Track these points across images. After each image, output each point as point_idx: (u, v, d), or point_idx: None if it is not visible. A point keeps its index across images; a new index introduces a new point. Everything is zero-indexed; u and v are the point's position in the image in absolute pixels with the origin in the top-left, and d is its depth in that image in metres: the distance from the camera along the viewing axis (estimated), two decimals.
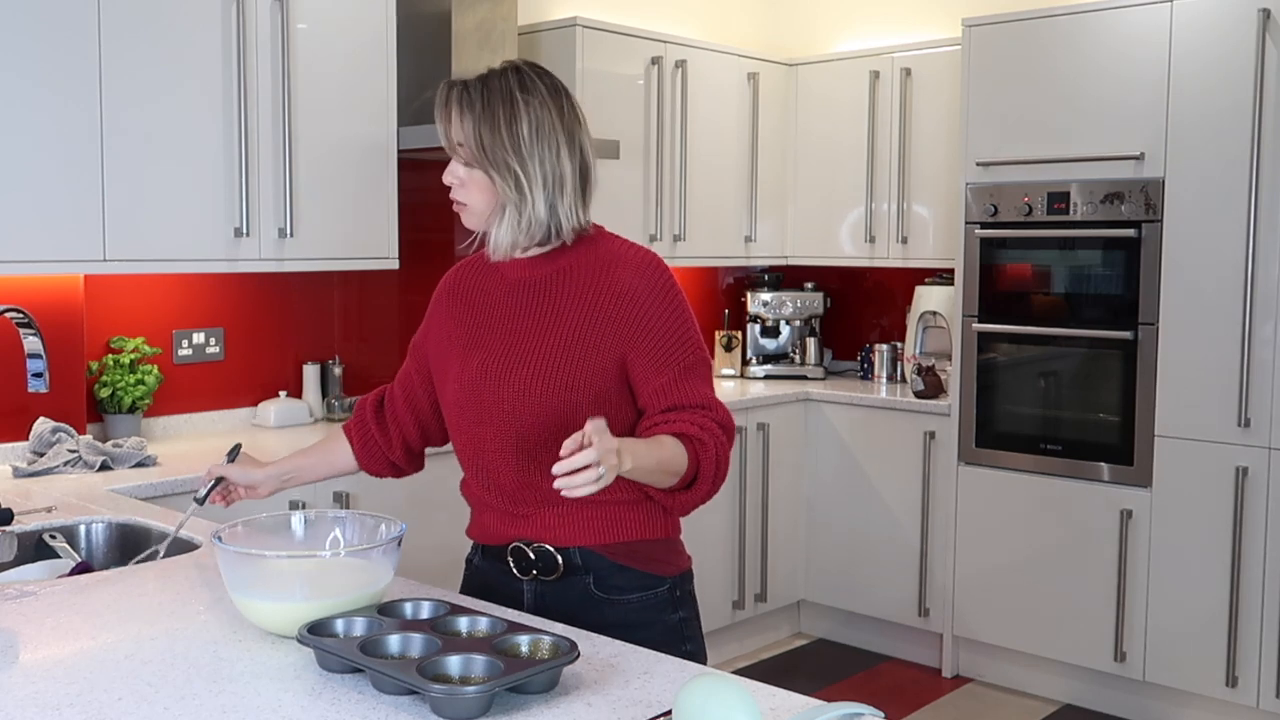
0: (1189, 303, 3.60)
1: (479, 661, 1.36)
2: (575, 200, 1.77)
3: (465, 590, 1.90)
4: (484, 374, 1.79)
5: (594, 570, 1.79)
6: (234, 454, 2.06)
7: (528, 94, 1.74)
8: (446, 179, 1.78)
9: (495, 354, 1.79)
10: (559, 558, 1.79)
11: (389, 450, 2.01)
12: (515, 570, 1.82)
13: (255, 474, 2.01)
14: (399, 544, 1.61)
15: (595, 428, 1.52)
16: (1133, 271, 3.71)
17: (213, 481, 1.99)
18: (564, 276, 1.79)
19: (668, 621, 1.84)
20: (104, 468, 2.87)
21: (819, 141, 4.77)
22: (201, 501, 1.99)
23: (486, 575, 1.88)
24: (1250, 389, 3.48)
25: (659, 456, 1.67)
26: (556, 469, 1.50)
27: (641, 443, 1.67)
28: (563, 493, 1.51)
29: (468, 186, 1.77)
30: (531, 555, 1.80)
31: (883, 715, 1.27)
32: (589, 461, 1.49)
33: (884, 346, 4.71)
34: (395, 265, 3.54)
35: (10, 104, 2.73)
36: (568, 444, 1.51)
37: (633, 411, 1.79)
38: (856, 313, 5.05)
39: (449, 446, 1.93)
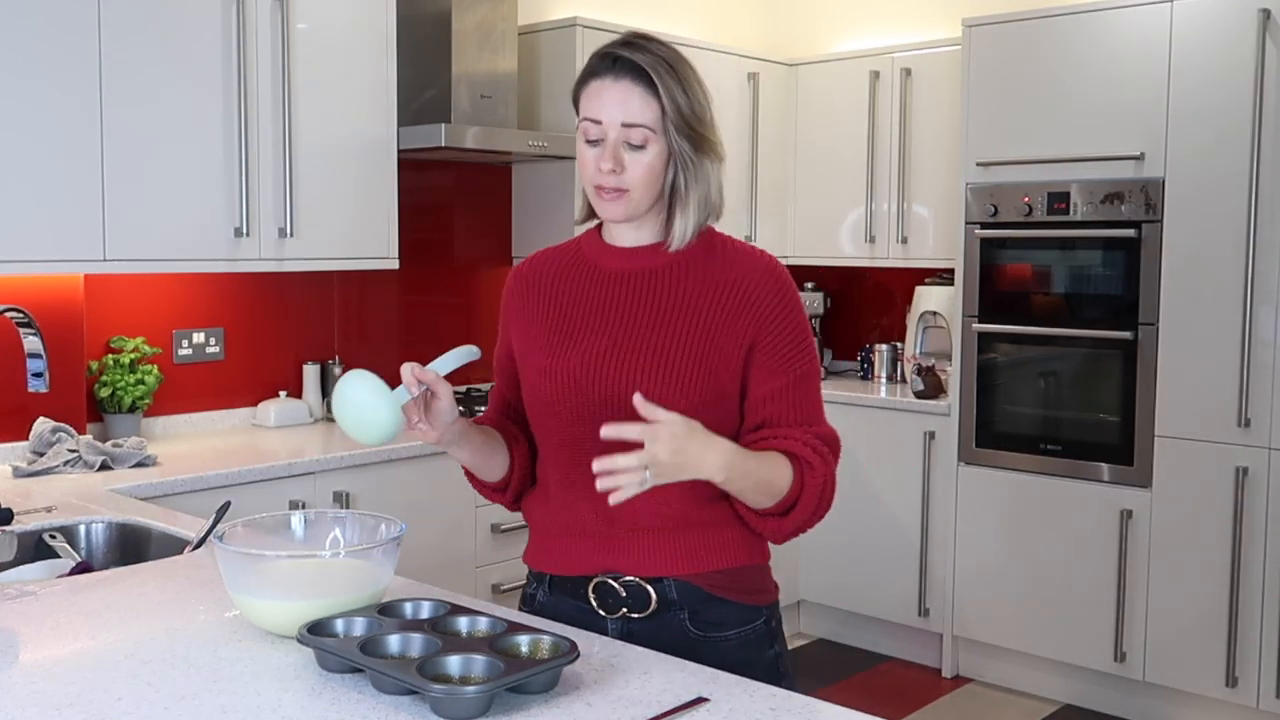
0: (1189, 303, 3.60)
1: (479, 661, 1.35)
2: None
3: None
4: (587, 366, 1.58)
5: (689, 605, 1.60)
6: (223, 510, 1.99)
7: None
8: (605, 164, 1.55)
9: (602, 346, 1.59)
10: (651, 591, 1.60)
11: (523, 473, 1.72)
12: (598, 608, 1.62)
13: (450, 411, 1.55)
14: (399, 544, 1.61)
15: (670, 418, 1.38)
16: (1133, 271, 3.71)
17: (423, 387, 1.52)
18: (682, 269, 1.61)
19: (766, 659, 1.65)
20: (104, 467, 2.87)
21: (819, 141, 4.77)
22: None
23: (556, 614, 1.65)
24: (1250, 389, 3.48)
25: (762, 473, 1.51)
26: (598, 465, 1.37)
27: (748, 454, 1.51)
28: (600, 489, 1.38)
29: (634, 169, 1.55)
30: (621, 590, 1.61)
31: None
32: (638, 465, 1.37)
33: (884, 346, 4.71)
34: (395, 265, 3.54)
35: (11, 103, 2.73)
36: (629, 430, 1.38)
37: (739, 418, 1.62)
38: (856, 313, 5.04)
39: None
